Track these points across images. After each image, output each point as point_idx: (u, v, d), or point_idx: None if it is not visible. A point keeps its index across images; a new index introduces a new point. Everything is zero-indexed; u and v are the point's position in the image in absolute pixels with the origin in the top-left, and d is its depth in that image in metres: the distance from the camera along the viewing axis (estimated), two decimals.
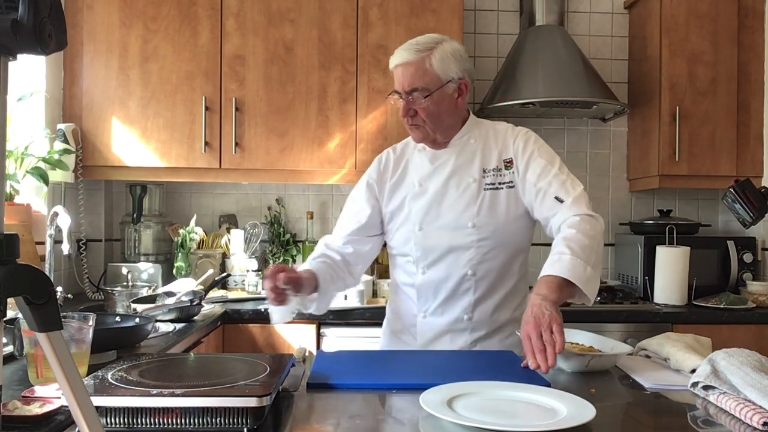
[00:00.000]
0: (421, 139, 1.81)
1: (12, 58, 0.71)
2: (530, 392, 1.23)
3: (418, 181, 1.82)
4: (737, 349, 1.30)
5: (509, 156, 1.79)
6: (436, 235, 1.78)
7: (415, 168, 1.85)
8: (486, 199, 1.76)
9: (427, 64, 1.71)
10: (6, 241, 0.71)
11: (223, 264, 3.03)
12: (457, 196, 1.78)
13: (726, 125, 2.98)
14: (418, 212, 1.80)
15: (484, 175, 1.78)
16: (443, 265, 1.77)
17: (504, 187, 1.77)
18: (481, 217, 1.75)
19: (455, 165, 1.80)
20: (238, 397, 1.05)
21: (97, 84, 2.82)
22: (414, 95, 1.72)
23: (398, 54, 1.73)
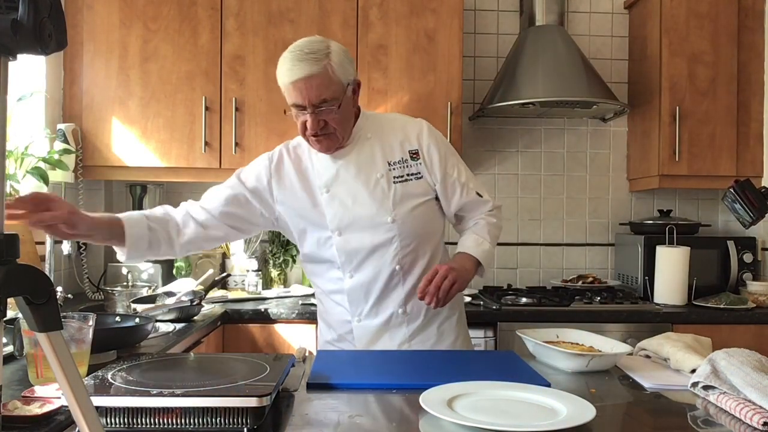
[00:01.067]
0: (329, 148, 1.74)
1: (12, 58, 0.71)
2: (530, 392, 1.23)
3: (324, 187, 1.77)
4: (737, 349, 1.30)
5: (414, 147, 1.79)
6: (357, 237, 1.75)
7: (317, 173, 1.79)
8: (398, 192, 1.76)
9: (330, 72, 1.62)
10: (6, 241, 0.71)
11: (223, 264, 3.03)
12: (368, 193, 1.75)
13: (726, 125, 2.98)
14: (333, 218, 1.75)
15: (391, 168, 1.77)
16: (370, 266, 1.76)
17: (413, 179, 1.77)
18: (397, 211, 1.75)
19: (358, 163, 1.77)
20: (238, 397, 1.05)
21: (97, 84, 2.82)
22: (324, 107, 1.64)
23: (295, 67, 1.61)
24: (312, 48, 1.63)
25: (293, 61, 1.62)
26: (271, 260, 3.12)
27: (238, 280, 2.92)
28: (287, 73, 1.63)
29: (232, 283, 2.92)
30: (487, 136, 3.31)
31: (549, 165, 3.34)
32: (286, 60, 1.64)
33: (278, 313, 2.55)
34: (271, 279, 3.10)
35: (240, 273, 2.94)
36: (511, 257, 3.32)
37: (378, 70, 2.86)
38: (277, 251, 3.13)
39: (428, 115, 2.88)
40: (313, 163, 1.80)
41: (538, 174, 3.34)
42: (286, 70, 1.63)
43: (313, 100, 1.63)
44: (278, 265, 3.13)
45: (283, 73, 1.64)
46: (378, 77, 2.86)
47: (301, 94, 1.63)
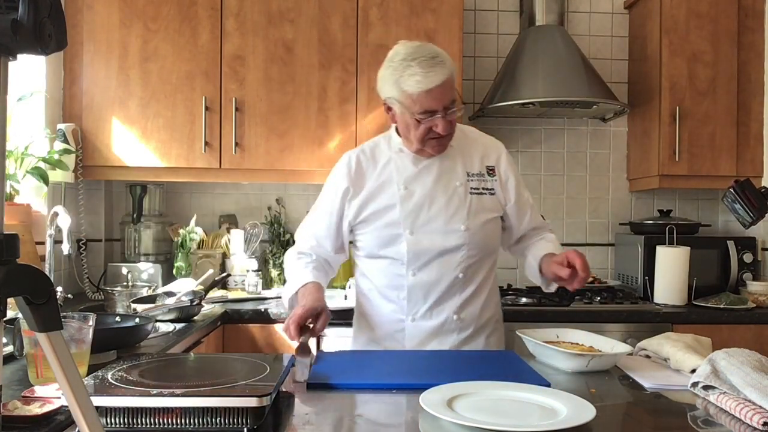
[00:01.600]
0: (442, 150, 1.79)
1: (12, 58, 0.71)
2: (530, 392, 1.23)
3: (403, 185, 1.80)
4: (737, 349, 1.30)
5: (492, 164, 1.85)
6: (428, 238, 1.78)
7: (398, 170, 1.82)
8: (473, 203, 1.80)
9: (453, 74, 1.68)
10: (6, 241, 0.71)
11: (223, 264, 3.03)
12: (446, 199, 1.79)
13: (726, 125, 2.98)
14: (407, 216, 1.78)
15: (469, 179, 1.82)
16: (434, 268, 1.78)
17: (486, 193, 1.83)
18: (470, 220, 1.78)
19: (440, 168, 1.81)
20: (238, 397, 1.05)
21: (97, 84, 2.82)
22: (453, 107, 1.69)
23: (431, 74, 1.62)
24: (432, 52, 1.66)
25: (426, 68, 1.62)
26: (271, 260, 3.12)
27: (238, 280, 2.92)
28: (422, 82, 1.62)
29: (232, 283, 2.92)
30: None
31: (549, 165, 3.34)
32: (414, 69, 1.63)
33: (278, 313, 2.55)
34: (271, 279, 3.10)
35: (240, 273, 2.94)
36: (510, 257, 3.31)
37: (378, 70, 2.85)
38: (277, 251, 3.13)
39: None
40: (395, 161, 1.84)
41: (538, 174, 3.34)
42: (421, 79, 1.62)
43: (446, 103, 1.67)
44: (278, 265, 3.12)
45: (416, 83, 1.63)
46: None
47: (437, 99, 1.64)
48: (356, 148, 1.91)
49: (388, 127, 1.90)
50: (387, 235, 1.80)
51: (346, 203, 1.83)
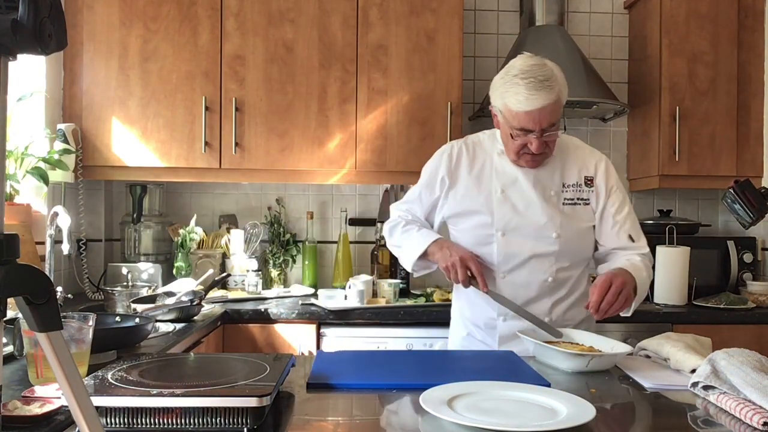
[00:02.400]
0: (537, 165, 1.82)
1: (12, 58, 0.71)
2: (530, 392, 1.23)
3: (500, 188, 1.85)
4: (737, 349, 1.30)
5: (590, 175, 1.86)
6: (519, 242, 1.82)
7: (496, 172, 1.87)
8: (567, 212, 1.83)
9: (561, 97, 1.71)
10: (6, 241, 0.71)
11: (223, 264, 3.03)
12: (541, 206, 1.82)
13: (726, 125, 2.98)
14: (501, 219, 1.83)
15: (564, 190, 1.85)
16: (524, 272, 1.82)
17: (581, 204, 1.85)
18: (564, 229, 1.81)
19: (537, 176, 1.84)
20: (238, 397, 1.05)
21: (97, 84, 2.82)
22: (551, 130, 1.72)
23: (533, 97, 1.66)
24: (544, 74, 1.68)
25: (531, 90, 1.66)
26: (271, 260, 3.12)
27: (238, 280, 2.92)
28: (524, 102, 1.67)
29: (232, 283, 2.92)
30: None
31: None
32: (520, 87, 1.67)
33: (278, 313, 2.55)
34: (271, 279, 3.10)
35: (240, 273, 2.94)
36: None
37: (378, 70, 2.86)
38: (277, 251, 3.13)
39: (428, 115, 2.90)
40: (494, 162, 1.88)
41: None
42: (523, 99, 1.67)
43: (544, 125, 1.70)
44: (278, 265, 3.13)
45: (518, 102, 1.68)
46: (378, 77, 2.86)
47: (534, 121, 1.69)
48: (460, 140, 1.97)
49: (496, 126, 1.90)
50: (480, 235, 1.86)
51: (442, 194, 1.91)
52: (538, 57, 1.75)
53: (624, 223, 1.84)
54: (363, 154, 2.86)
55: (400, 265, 3.01)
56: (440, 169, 1.91)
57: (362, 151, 2.86)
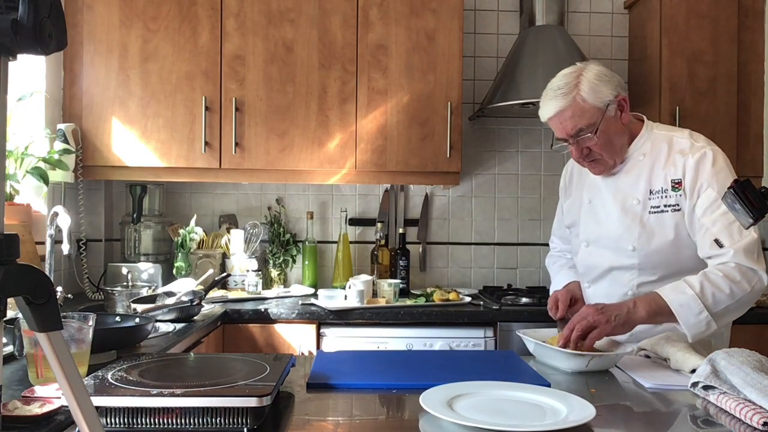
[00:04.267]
0: (602, 171, 1.78)
1: (12, 58, 0.71)
2: (530, 392, 1.23)
3: (588, 198, 1.86)
4: (737, 349, 1.31)
5: (678, 177, 1.68)
6: (599, 253, 1.81)
7: (588, 183, 1.88)
8: (650, 223, 1.71)
9: (580, 101, 1.65)
10: (6, 241, 0.71)
11: (223, 264, 3.03)
12: (620, 216, 1.75)
13: (726, 125, 2.98)
14: (584, 229, 1.86)
15: (650, 197, 1.71)
16: (605, 283, 1.81)
17: (669, 210, 1.69)
18: (642, 241, 1.71)
19: (620, 183, 1.78)
20: (238, 397, 1.05)
21: (97, 84, 2.82)
22: (582, 135, 1.68)
23: (548, 105, 1.68)
24: (561, 83, 1.69)
25: (544, 99, 1.71)
26: (271, 260, 3.12)
27: (238, 280, 2.92)
28: (542, 113, 1.73)
29: (232, 283, 2.92)
30: (487, 136, 3.31)
31: (549, 165, 3.34)
32: (543, 99, 1.73)
33: (278, 313, 2.55)
34: (271, 279, 3.10)
35: (240, 273, 2.94)
36: (511, 257, 3.32)
37: (378, 70, 2.86)
38: (277, 251, 3.13)
39: (428, 115, 2.90)
40: (588, 174, 1.87)
41: (538, 174, 3.34)
42: (541, 108, 1.73)
43: (570, 132, 1.69)
44: (278, 265, 3.12)
45: (541, 112, 1.74)
46: (378, 77, 2.86)
47: (558, 129, 1.72)
48: None
49: None
50: (575, 245, 1.91)
51: (563, 202, 2.00)
52: (577, 65, 1.72)
53: (712, 226, 1.59)
54: (363, 154, 2.86)
55: (400, 265, 3.03)
56: (562, 182, 2.04)
57: (362, 151, 2.86)
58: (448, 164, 2.88)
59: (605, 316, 1.52)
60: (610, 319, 1.52)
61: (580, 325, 1.52)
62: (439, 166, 2.88)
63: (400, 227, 3.14)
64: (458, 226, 3.29)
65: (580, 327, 1.51)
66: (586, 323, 1.51)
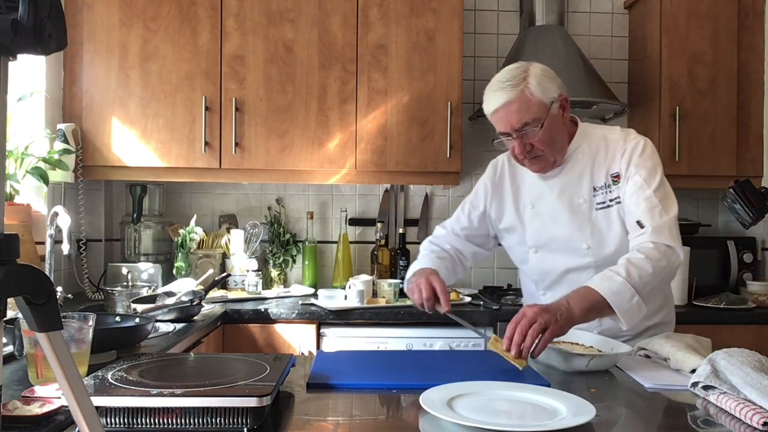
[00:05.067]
0: (542, 169, 1.75)
1: (12, 58, 0.71)
2: (530, 392, 1.23)
3: (530, 203, 1.81)
4: (737, 349, 1.30)
5: (616, 170, 1.71)
6: (552, 258, 1.78)
7: (527, 187, 1.83)
8: (599, 220, 1.72)
9: (528, 94, 1.64)
10: (6, 241, 0.71)
11: (223, 264, 3.03)
12: (569, 217, 1.74)
13: (726, 125, 2.98)
14: (532, 235, 1.80)
15: (595, 194, 1.73)
16: (562, 288, 1.73)
17: (614, 204, 1.71)
18: (595, 239, 1.71)
19: (564, 184, 1.76)
20: (238, 397, 1.05)
21: (97, 84, 2.82)
22: (526, 130, 1.66)
23: (494, 97, 1.66)
24: (509, 76, 1.67)
25: (491, 91, 1.69)
26: (271, 260, 3.12)
27: (238, 280, 2.92)
28: (487, 104, 1.70)
29: (232, 283, 2.92)
30: (487, 136, 3.30)
31: None
32: (488, 92, 1.70)
33: (278, 313, 2.55)
34: (271, 279, 3.10)
35: (240, 273, 2.94)
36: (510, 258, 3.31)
37: (378, 70, 2.86)
38: (277, 251, 3.13)
39: (428, 115, 2.90)
40: (527, 177, 1.84)
41: None
42: (486, 101, 1.70)
43: (515, 125, 1.66)
44: (278, 265, 3.12)
45: (485, 105, 1.71)
46: (378, 77, 2.86)
47: (503, 122, 1.68)
48: (504, 155, 1.93)
49: None
50: (519, 252, 1.86)
51: (489, 204, 1.90)
52: (522, 62, 1.71)
53: (636, 209, 1.63)
54: (363, 154, 2.86)
55: (400, 265, 3.03)
56: (485, 180, 1.92)
57: (362, 151, 2.86)
58: (448, 164, 2.88)
59: (551, 315, 1.42)
60: (556, 317, 1.42)
61: (534, 329, 1.38)
62: (439, 166, 2.88)
63: (400, 227, 3.14)
64: None
65: (533, 331, 1.38)
66: (538, 326, 1.39)
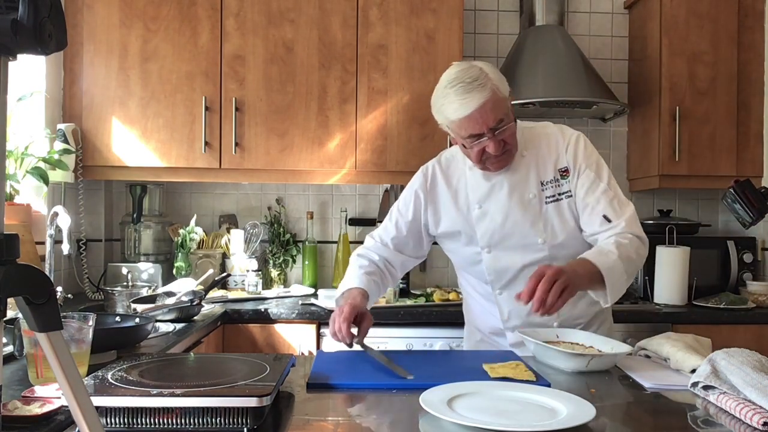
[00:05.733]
0: (507, 164, 1.73)
1: (12, 58, 0.71)
2: (530, 392, 1.23)
3: (477, 204, 1.78)
4: (737, 349, 1.30)
5: (564, 165, 1.75)
6: (506, 255, 1.76)
7: (470, 188, 1.80)
8: (550, 213, 1.74)
9: (496, 90, 1.61)
10: (6, 241, 0.71)
11: (223, 264, 3.03)
12: (521, 214, 1.74)
13: (726, 125, 2.98)
14: (483, 235, 1.77)
15: (543, 188, 1.75)
16: (519, 284, 1.72)
17: (564, 197, 1.74)
18: (548, 233, 1.73)
19: (512, 182, 1.75)
20: (238, 397, 1.05)
21: (97, 84, 2.82)
22: (501, 127, 1.63)
23: (465, 100, 1.59)
24: (471, 75, 1.60)
25: (461, 94, 1.59)
26: (271, 260, 3.12)
27: (238, 280, 2.92)
28: (460, 109, 1.60)
29: (232, 283, 2.92)
30: None
31: None
32: (451, 96, 1.61)
33: (278, 313, 2.55)
34: (271, 279, 3.10)
35: (240, 273, 2.94)
36: None
37: (378, 70, 2.86)
38: (277, 251, 3.13)
39: (428, 115, 2.86)
40: (467, 178, 1.81)
41: None
42: (458, 106, 1.60)
43: (491, 124, 1.61)
44: (278, 265, 3.12)
45: (454, 110, 1.61)
46: (378, 77, 2.86)
47: (478, 123, 1.61)
48: (434, 159, 1.91)
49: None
50: (469, 254, 1.82)
51: (422, 211, 1.84)
52: (465, 62, 1.68)
53: (597, 204, 1.69)
54: (363, 154, 2.86)
55: None
56: (415, 187, 1.86)
57: (362, 151, 2.86)
58: None
59: (567, 276, 1.45)
60: (573, 279, 1.46)
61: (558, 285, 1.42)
62: None
63: None
64: None
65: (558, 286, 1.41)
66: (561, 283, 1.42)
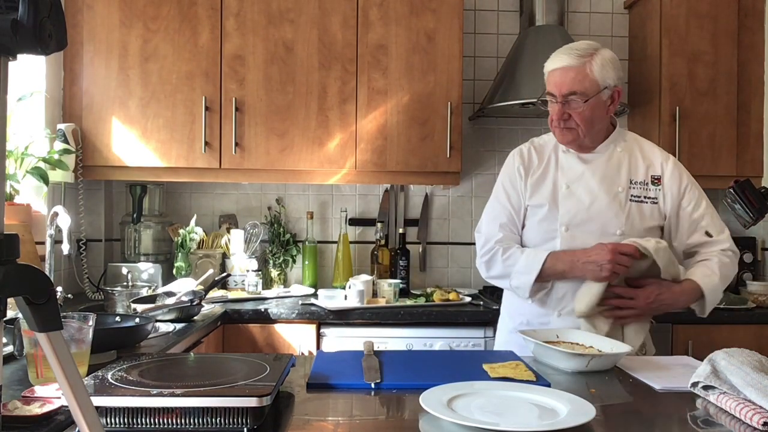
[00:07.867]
0: (569, 141, 1.84)
1: (12, 58, 0.71)
2: (530, 392, 1.23)
3: (565, 183, 1.86)
4: (737, 349, 1.30)
5: (657, 174, 1.87)
6: (583, 238, 1.81)
7: (561, 168, 1.88)
8: (632, 210, 1.83)
9: (587, 69, 1.75)
10: (6, 241, 0.71)
11: (223, 264, 3.03)
12: (606, 202, 1.82)
13: (726, 125, 2.98)
14: (566, 213, 1.83)
15: (631, 186, 1.85)
16: None
17: (648, 202, 1.85)
18: (628, 227, 1.81)
19: (604, 171, 1.85)
20: (238, 397, 1.05)
21: (97, 84, 2.82)
22: (571, 99, 1.75)
23: (557, 57, 1.77)
24: (582, 46, 1.78)
25: (560, 53, 1.78)
26: (271, 260, 3.12)
27: (238, 280, 2.92)
28: (549, 62, 1.80)
29: (232, 283, 2.92)
30: (487, 136, 3.31)
31: None
32: (555, 52, 1.79)
33: (278, 313, 2.55)
34: (271, 279, 3.10)
35: (240, 273, 2.94)
36: None
37: (378, 70, 2.86)
38: (277, 251, 3.13)
39: (428, 115, 2.90)
40: (559, 160, 1.90)
41: None
42: (551, 60, 1.79)
43: (563, 91, 1.76)
44: (278, 265, 3.12)
45: (548, 63, 1.80)
46: (378, 77, 2.86)
47: (554, 83, 1.78)
48: (525, 143, 1.99)
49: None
50: (545, 230, 1.86)
51: (522, 184, 1.91)
52: (597, 44, 1.81)
53: (701, 220, 1.86)
54: (363, 154, 2.86)
55: (400, 265, 3.03)
56: (516, 165, 1.92)
57: (362, 151, 2.86)
58: (448, 164, 2.88)
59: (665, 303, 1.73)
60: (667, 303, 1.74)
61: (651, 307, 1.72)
62: (439, 166, 2.88)
63: (400, 227, 3.14)
64: (458, 226, 3.29)
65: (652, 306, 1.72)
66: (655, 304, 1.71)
